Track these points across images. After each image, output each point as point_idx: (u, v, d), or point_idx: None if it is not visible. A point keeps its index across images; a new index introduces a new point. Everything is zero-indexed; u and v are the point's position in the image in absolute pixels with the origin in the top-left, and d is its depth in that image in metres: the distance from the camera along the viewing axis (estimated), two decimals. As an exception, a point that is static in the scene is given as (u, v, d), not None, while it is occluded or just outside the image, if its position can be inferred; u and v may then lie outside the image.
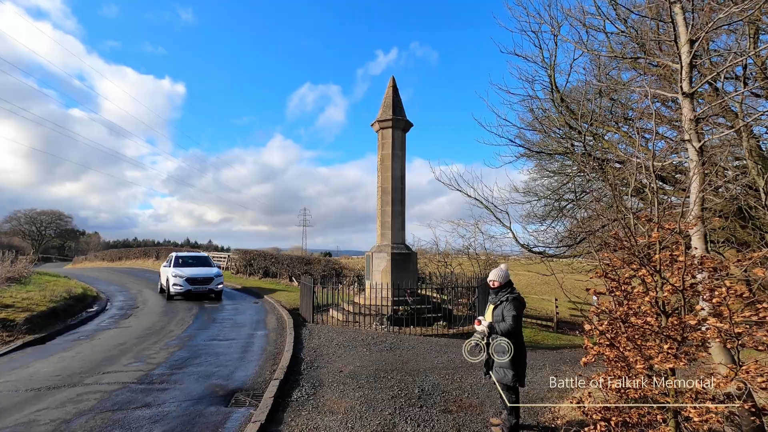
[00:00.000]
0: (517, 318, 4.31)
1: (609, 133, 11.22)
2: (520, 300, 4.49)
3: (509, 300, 4.43)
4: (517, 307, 4.38)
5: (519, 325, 4.35)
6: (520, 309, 4.39)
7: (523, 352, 4.40)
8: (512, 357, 4.24)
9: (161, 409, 4.95)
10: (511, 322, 4.28)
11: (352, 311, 11.15)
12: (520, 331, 4.43)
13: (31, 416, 4.70)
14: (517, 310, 4.35)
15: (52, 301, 11.65)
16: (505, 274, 4.62)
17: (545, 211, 13.71)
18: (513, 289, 4.57)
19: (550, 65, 10.87)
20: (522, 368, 4.34)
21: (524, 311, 4.72)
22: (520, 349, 4.33)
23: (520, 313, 4.39)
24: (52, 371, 6.45)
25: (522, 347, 4.40)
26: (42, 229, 64.21)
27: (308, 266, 21.24)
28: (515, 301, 4.41)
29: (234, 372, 6.52)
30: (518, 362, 4.29)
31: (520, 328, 4.38)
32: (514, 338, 4.30)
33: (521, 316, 4.42)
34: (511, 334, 4.29)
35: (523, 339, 4.49)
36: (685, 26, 5.34)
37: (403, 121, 12.53)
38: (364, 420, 4.62)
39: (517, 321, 4.32)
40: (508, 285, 4.59)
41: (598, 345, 3.30)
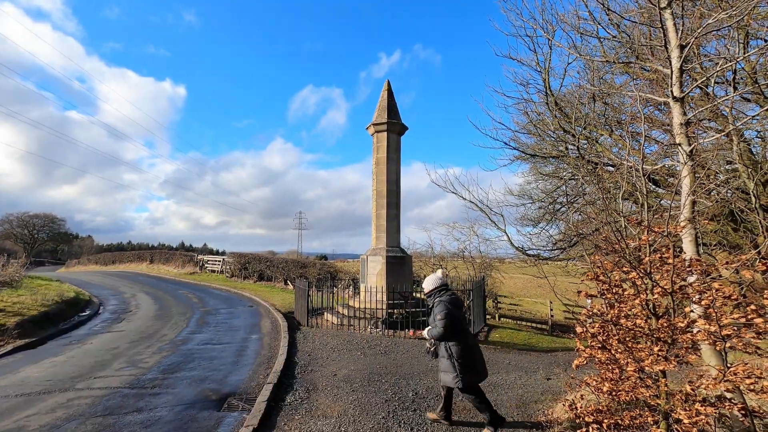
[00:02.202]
0: (444, 320, 4.24)
1: (602, 137, 11.30)
2: (448, 301, 4.40)
3: (435, 304, 4.42)
4: (443, 309, 4.31)
5: (450, 326, 4.25)
6: (446, 310, 4.30)
7: (466, 353, 4.28)
8: (451, 359, 4.22)
9: (153, 414, 4.91)
10: (439, 326, 4.24)
11: (347, 314, 11.13)
12: (458, 331, 4.33)
13: (20, 422, 4.65)
14: (442, 313, 4.28)
15: (43, 305, 11.54)
16: (435, 280, 4.60)
17: (539, 214, 13.80)
18: (442, 293, 4.51)
19: (544, 69, 10.96)
20: (465, 368, 4.22)
21: (462, 309, 4.64)
22: (461, 350, 4.26)
23: (449, 314, 4.29)
24: (43, 376, 6.38)
25: (465, 347, 4.30)
26: (35, 233, 63.54)
27: (303, 269, 21.18)
28: (441, 304, 4.36)
29: (227, 376, 6.48)
30: (460, 363, 4.22)
31: (453, 329, 4.28)
32: (452, 340, 4.26)
33: (451, 316, 4.29)
34: (445, 337, 4.25)
35: (466, 338, 4.38)
36: (675, 31, 5.41)
37: (399, 124, 12.57)
38: (358, 424, 4.60)
39: (446, 323, 4.24)
40: (438, 290, 4.56)
41: (589, 347, 3.32)
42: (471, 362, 4.28)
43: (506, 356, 8.51)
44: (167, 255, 35.30)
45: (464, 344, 4.32)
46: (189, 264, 30.76)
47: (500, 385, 6.24)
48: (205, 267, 29.20)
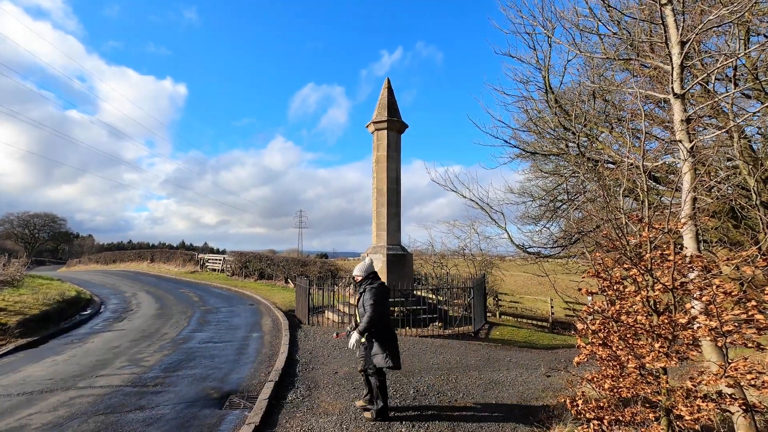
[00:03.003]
0: (375, 305, 4.49)
1: (603, 134, 11.29)
2: (380, 288, 4.67)
3: (367, 290, 4.65)
4: (376, 294, 4.57)
5: (379, 311, 4.51)
6: (378, 296, 4.57)
7: (387, 339, 4.56)
8: (381, 343, 4.50)
9: (155, 412, 4.92)
10: (371, 310, 4.48)
11: (348, 312, 11.14)
12: (383, 318, 4.59)
13: (23, 420, 4.66)
14: (375, 298, 4.53)
15: (45, 304, 11.56)
16: (367, 267, 4.86)
17: (540, 212, 13.78)
18: (373, 281, 4.76)
19: (544, 66, 10.94)
20: (387, 352, 4.50)
21: (389, 299, 4.91)
22: (383, 336, 4.54)
23: (380, 300, 4.55)
24: (44, 375, 6.39)
25: (387, 333, 4.59)
26: (35, 232, 63.62)
27: (304, 268, 21.19)
28: (373, 290, 4.61)
29: (229, 374, 6.50)
30: (388, 345, 4.52)
31: (381, 315, 4.54)
32: (377, 326, 4.51)
33: (381, 303, 4.56)
34: (376, 320, 4.48)
35: (388, 325, 4.69)
36: (676, 28, 5.39)
37: (399, 122, 12.56)
38: (359, 421, 4.61)
39: (376, 308, 4.49)
40: (369, 277, 4.82)
41: (590, 344, 3.32)
42: (395, 348, 4.62)
43: (507, 353, 8.52)
44: (168, 254, 35.33)
45: (388, 329, 4.65)
46: (190, 263, 30.79)
47: (501, 383, 6.25)
48: (206, 266, 29.22)
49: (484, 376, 6.59)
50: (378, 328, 4.56)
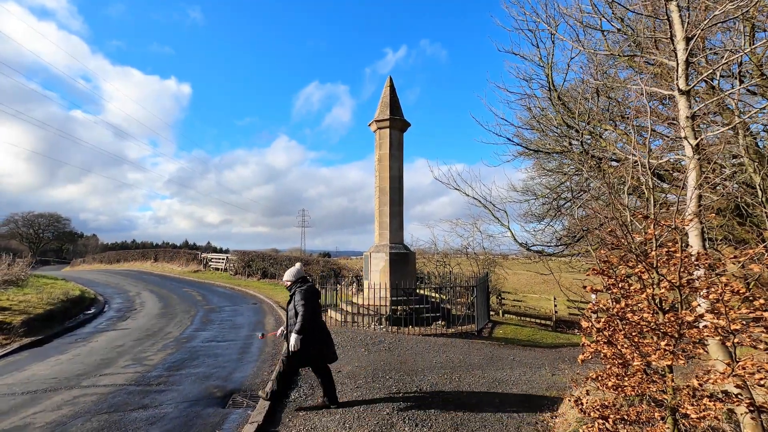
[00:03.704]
0: (306, 305, 4.75)
1: (606, 132, 11.22)
2: (309, 290, 4.92)
3: (297, 292, 4.89)
4: (305, 296, 4.81)
5: (310, 310, 4.77)
6: (307, 297, 4.82)
7: (318, 338, 4.86)
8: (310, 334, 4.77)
9: (158, 411, 4.93)
10: (303, 310, 4.72)
11: (351, 311, 11.13)
12: (314, 317, 4.84)
13: (27, 419, 4.67)
14: (305, 299, 4.78)
15: (49, 303, 11.61)
16: (296, 272, 5.09)
17: (543, 210, 13.73)
18: (303, 284, 5.01)
19: (547, 64, 10.89)
20: (317, 352, 4.83)
21: (318, 299, 5.15)
22: (313, 333, 4.82)
23: (309, 300, 4.80)
24: (48, 374, 6.42)
25: (319, 333, 4.89)
26: (40, 232, 63.97)
27: (307, 267, 21.22)
28: (303, 291, 4.86)
29: (232, 373, 6.50)
30: (318, 348, 4.83)
31: (312, 314, 4.80)
32: (309, 324, 4.74)
33: (311, 303, 4.82)
34: (307, 320, 4.71)
35: (319, 323, 4.98)
36: (681, 24, 5.34)
37: (401, 120, 12.53)
38: (362, 420, 4.60)
39: (307, 308, 4.75)
40: (299, 281, 5.05)
41: (595, 342, 3.29)
42: (313, 345, 4.84)
43: (510, 352, 8.50)
44: (171, 253, 35.45)
45: (319, 327, 4.96)
46: (193, 262, 30.88)
47: (505, 381, 6.23)
48: (209, 265, 29.31)
49: (488, 374, 6.57)
50: (309, 328, 4.79)
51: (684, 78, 5.26)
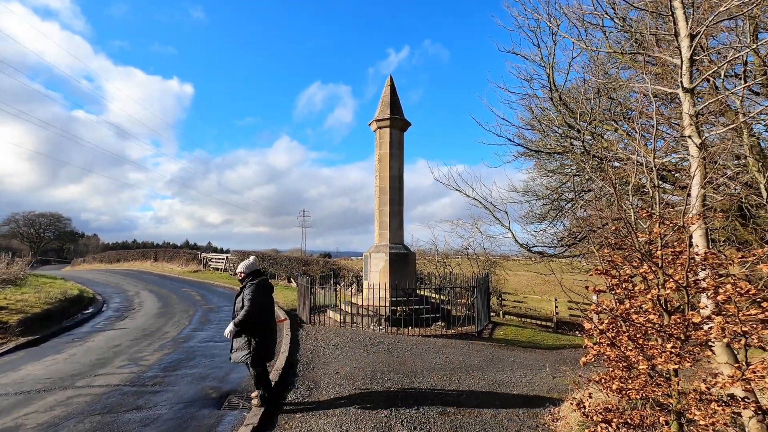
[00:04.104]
0: (252, 301, 4.68)
1: (608, 132, 11.14)
2: (260, 284, 4.87)
3: (248, 286, 4.84)
4: (255, 291, 4.76)
5: (257, 306, 4.71)
6: (257, 292, 4.76)
7: (264, 333, 4.79)
8: (249, 337, 4.70)
9: (152, 412, 4.85)
10: (248, 305, 4.65)
11: (350, 312, 11.05)
12: (261, 313, 4.77)
13: (19, 420, 4.60)
14: (253, 294, 4.73)
15: (47, 303, 11.54)
16: (250, 264, 5.04)
17: (544, 211, 13.66)
18: (255, 278, 4.95)
19: (548, 64, 10.82)
20: (259, 346, 4.74)
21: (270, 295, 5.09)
22: (259, 331, 4.76)
23: (257, 296, 4.74)
24: (43, 374, 6.34)
25: (265, 329, 4.82)
26: (41, 232, 63.95)
27: (307, 267, 21.15)
28: (253, 286, 4.80)
29: (229, 374, 6.41)
30: (257, 341, 4.72)
31: (258, 310, 4.72)
32: (258, 320, 4.72)
33: (259, 299, 4.76)
34: (253, 315, 4.66)
35: (267, 321, 4.91)
36: (685, 21, 5.26)
37: (401, 120, 12.45)
38: (359, 422, 4.52)
39: (254, 303, 4.68)
40: (253, 274, 4.99)
41: (598, 344, 3.21)
42: (267, 343, 4.83)
43: (511, 354, 8.40)
44: (171, 253, 35.39)
45: (267, 326, 4.87)
46: (193, 262, 30.81)
47: (505, 383, 6.14)
48: (209, 265, 29.23)
49: (488, 376, 6.48)
50: (255, 324, 4.75)
51: (688, 75, 5.18)
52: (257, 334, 4.77)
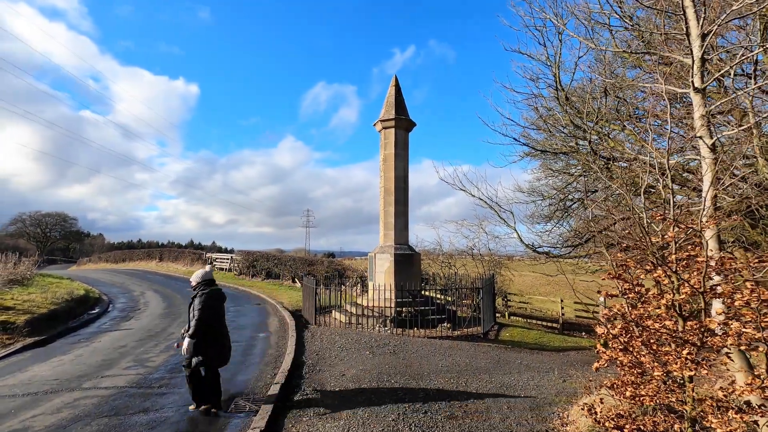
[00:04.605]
0: (202, 310, 4.75)
1: (614, 132, 11.05)
2: (210, 294, 4.93)
3: (198, 296, 4.91)
4: (204, 300, 4.83)
5: (206, 315, 4.77)
6: (206, 302, 4.83)
7: (213, 341, 4.85)
8: (196, 347, 4.72)
9: (159, 415, 4.84)
10: (198, 314, 4.73)
11: (355, 313, 11.02)
12: (210, 321, 4.82)
13: (26, 422, 4.60)
14: (203, 304, 4.79)
15: (53, 303, 11.58)
16: (203, 275, 5.12)
17: (550, 211, 13.57)
18: (206, 287, 5.01)
19: (554, 63, 10.73)
20: (210, 354, 4.81)
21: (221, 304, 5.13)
22: (209, 339, 4.81)
23: (207, 306, 4.80)
24: (50, 375, 6.35)
25: (215, 336, 4.89)
26: (47, 231, 64.34)
27: (311, 267, 21.13)
28: (203, 296, 4.86)
29: (235, 376, 6.40)
30: (205, 350, 4.77)
31: (208, 319, 4.79)
32: (204, 328, 4.75)
33: (209, 308, 4.82)
34: (203, 323, 4.73)
35: (218, 328, 4.96)
36: (696, 20, 5.19)
37: (406, 120, 12.41)
38: (367, 426, 4.48)
39: (202, 312, 4.75)
40: (203, 284, 5.06)
41: (611, 349, 3.16)
42: (218, 348, 4.91)
43: (518, 356, 8.35)
44: (176, 253, 35.51)
45: (216, 332, 4.91)
46: (198, 262, 30.88)
47: (513, 386, 6.08)
48: (214, 265, 29.29)
49: (495, 379, 6.43)
50: (205, 333, 4.79)
51: (699, 75, 5.11)
52: (208, 341, 4.83)
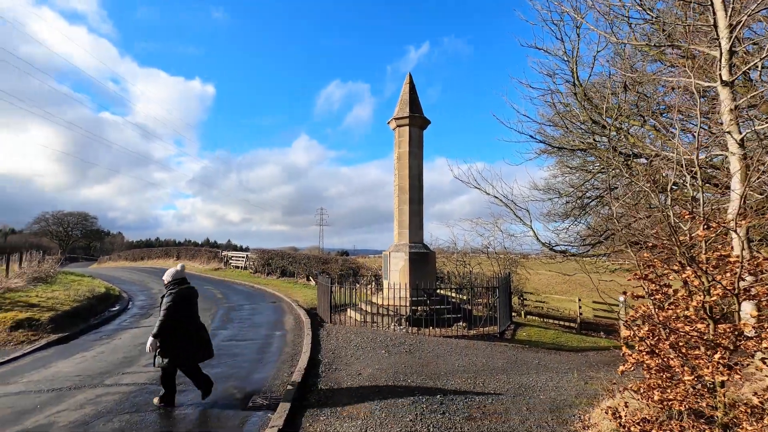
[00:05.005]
0: (167, 310, 4.92)
1: (634, 128, 10.79)
2: (178, 293, 5.11)
3: (166, 295, 5.10)
4: (170, 300, 5.00)
5: (170, 315, 4.93)
6: (173, 301, 4.99)
7: (177, 339, 4.97)
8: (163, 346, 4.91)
9: (179, 412, 4.90)
10: (161, 315, 4.91)
11: (370, 311, 11.02)
12: (175, 319, 4.97)
13: (51, 418, 4.70)
14: (169, 303, 4.97)
15: (76, 300, 11.86)
16: (172, 273, 5.32)
17: (567, 209, 13.35)
18: (176, 286, 5.19)
19: (572, 58, 10.53)
20: (175, 353, 4.95)
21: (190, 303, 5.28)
22: (174, 337, 4.95)
23: (173, 305, 4.97)
24: (73, 371, 6.49)
25: (179, 334, 5.00)
26: (69, 230, 66.13)
27: (325, 265, 21.22)
28: (171, 295, 5.05)
29: (251, 374, 6.45)
30: (170, 348, 4.93)
31: (172, 318, 4.94)
32: (171, 327, 4.92)
33: (175, 305, 4.99)
34: (167, 318, 4.89)
35: (183, 328, 5.06)
36: (724, 10, 5.01)
37: (420, 118, 12.33)
38: (385, 426, 4.46)
39: (167, 312, 4.92)
40: (173, 283, 5.25)
41: (636, 352, 3.06)
42: (176, 346, 4.97)
43: (535, 356, 8.23)
44: (193, 251, 36.07)
45: (180, 331, 5.02)
46: (214, 260, 31.32)
47: (531, 387, 5.99)
48: (230, 263, 29.66)
49: (513, 379, 6.34)
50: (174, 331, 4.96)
51: (727, 68, 4.94)
52: (178, 339, 4.99)
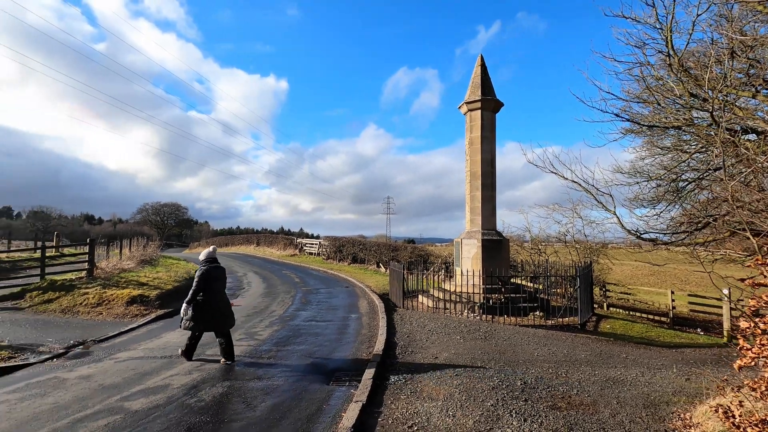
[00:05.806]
0: (197, 284, 5.96)
1: (742, 99, 9.51)
2: (206, 270, 6.09)
3: (198, 270, 6.15)
4: (199, 275, 6.02)
5: (199, 287, 5.95)
6: (200, 277, 5.99)
7: (202, 308, 5.95)
8: (193, 311, 5.93)
9: (271, 383, 5.33)
10: (193, 287, 5.97)
11: (442, 298, 11.02)
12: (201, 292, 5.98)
13: (167, 380, 5.36)
14: (198, 278, 5.99)
15: (176, 280, 13.29)
16: (205, 254, 6.34)
17: (657, 193, 12.18)
18: (205, 264, 6.19)
19: (666, 25, 9.46)
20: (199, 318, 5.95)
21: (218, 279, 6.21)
22: (201, 305, 5.95)
23: (201, 280, 5.97)
24: (179, 342, 7.27)
25: (204, 304, 5.97)
26: (164, 219, 73.99)
27: (395, 252, 21.51)
28: (200, 271, 6.08)
29: (332, 352, 6.80)
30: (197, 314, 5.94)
31: (200, 290, 5.96)
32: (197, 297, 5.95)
33: (204, 279, 6.00)
34: (194, 291, 5.93)
35: (213, 297, 6.05)
36: None
37: (493, 101, 11.92)
38: (465, 409, 4.49)
39: (197, 284, 5.96)
40: (206, 261, 6.24)
41: (758, 346, 2.76)
42: (201, 315, 5.94)
43: (622, 350, 7.73)
44: (270, 239, 38.52)
45: (207, 299, 5.99)
46: (290, 247, 33.20)
47: (620, 381, 5.65)
48: (304, 249, 31.25)
49: (599, 372, 6.03)
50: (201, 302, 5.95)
51: None
52: (202, 308, 5.95)
